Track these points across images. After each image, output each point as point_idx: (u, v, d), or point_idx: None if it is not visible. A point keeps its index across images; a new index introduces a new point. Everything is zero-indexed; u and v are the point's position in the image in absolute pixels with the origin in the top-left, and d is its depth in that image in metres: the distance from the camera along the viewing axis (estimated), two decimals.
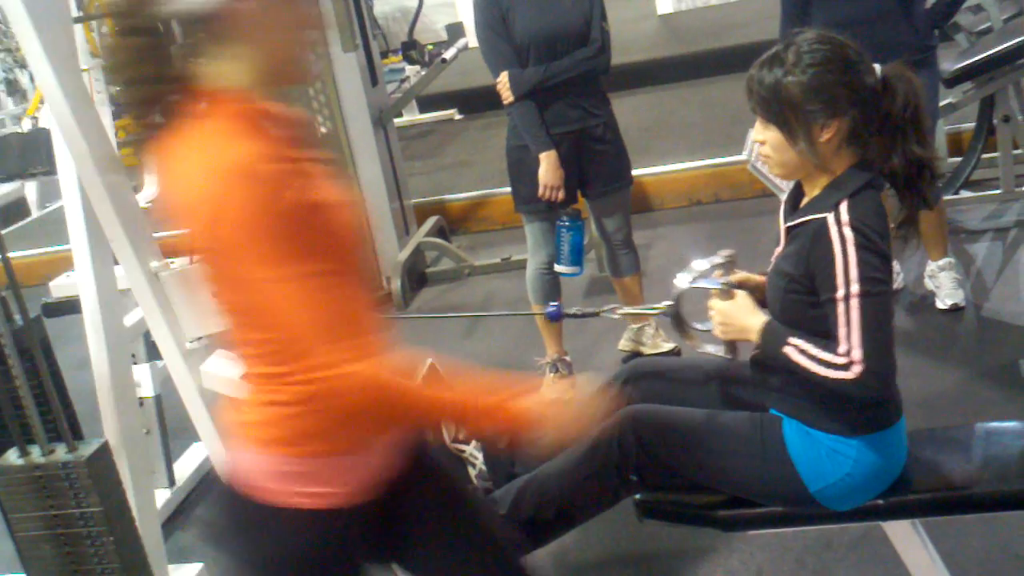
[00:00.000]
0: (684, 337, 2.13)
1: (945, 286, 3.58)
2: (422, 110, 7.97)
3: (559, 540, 2.12)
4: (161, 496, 3.12)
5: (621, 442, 1.93)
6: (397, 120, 5.79)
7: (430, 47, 8.06)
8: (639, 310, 3.11)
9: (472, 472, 2.18)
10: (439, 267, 5.06)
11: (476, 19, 3.29)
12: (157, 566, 2.28)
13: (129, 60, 1.36)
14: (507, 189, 3.52)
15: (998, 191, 4.22)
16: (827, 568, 2.44)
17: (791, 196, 1.92)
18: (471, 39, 6.32)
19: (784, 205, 1.93)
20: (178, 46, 1.36)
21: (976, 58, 3.95)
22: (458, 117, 7.81)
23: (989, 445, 1.98)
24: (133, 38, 1.35)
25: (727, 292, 1.89)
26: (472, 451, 2.20)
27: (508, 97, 3.23)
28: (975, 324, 3.51)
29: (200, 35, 1.34)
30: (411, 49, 8.06)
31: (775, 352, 1.79)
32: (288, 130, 1.41)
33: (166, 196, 1.36)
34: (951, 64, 3.97)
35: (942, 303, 3.57)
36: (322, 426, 1.39)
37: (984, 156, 4.29)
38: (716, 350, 2.00)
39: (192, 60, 1.35)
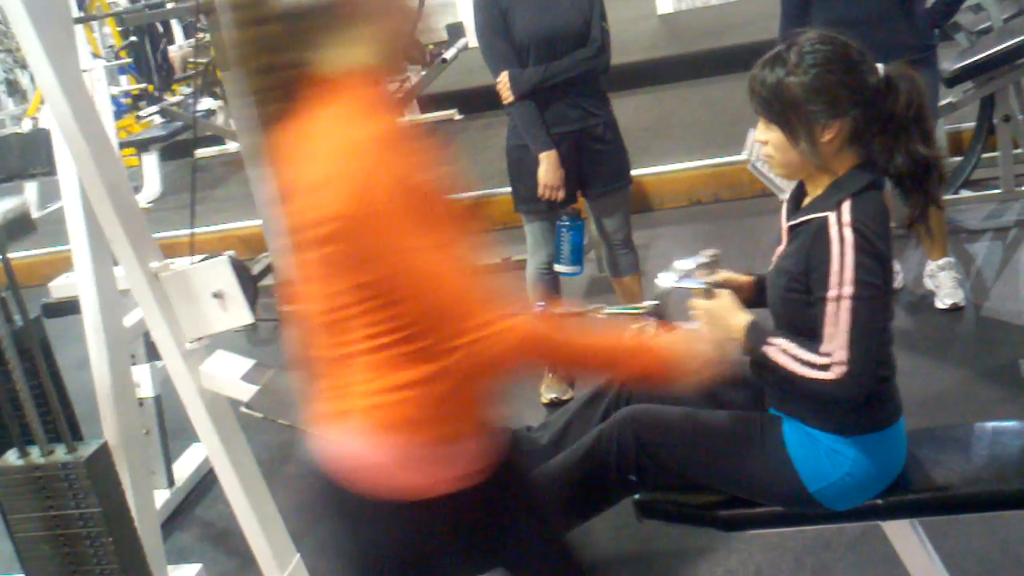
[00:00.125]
0: None
1: (945, 286, 3.58)
2: (422, 110, 7.96)
3: None
4: (160, 497, 3.12)
5: (620, 442, 1.93)
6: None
7: (430, 47, 8.08)
8: (622, 310, 3.09)
9: None
10: None
11: (476, 19, 3.28)
12: (156, 567, 2.28)
13: (253, 50, 1.39)
14: (507, 189, 3.51)
15: (998, 191, 4.22)
16: (826, 568, 2.44)
17: (793, 196, 1.92)
18: (471, 39, 6.32)
19: (787, 204, 1.93)
20: (300, 32, 1.38)
21: (976, 57, 3.95)
22: (458, 117, 7.79)
23: (988, 445, 1.98)
24: (256, 28, 1.38)
25: (710, 292, 1.89)
26: None
27: (508, 97, 3.23)
28: (975, 324, 3.51)
29: (321, 20, 1.37)
30: (411, 49, 8.07)
31: (757, 351, 1.79)
32: (400, 106, 1.43)
33: (291, 179, 1.38)
34: (951, 64, 3.97)
35: (942, 303, 3.57)
36: (441, 407, 1.42)
37: (984, 155, 4.29)
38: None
39: (314, 45, 1.38)
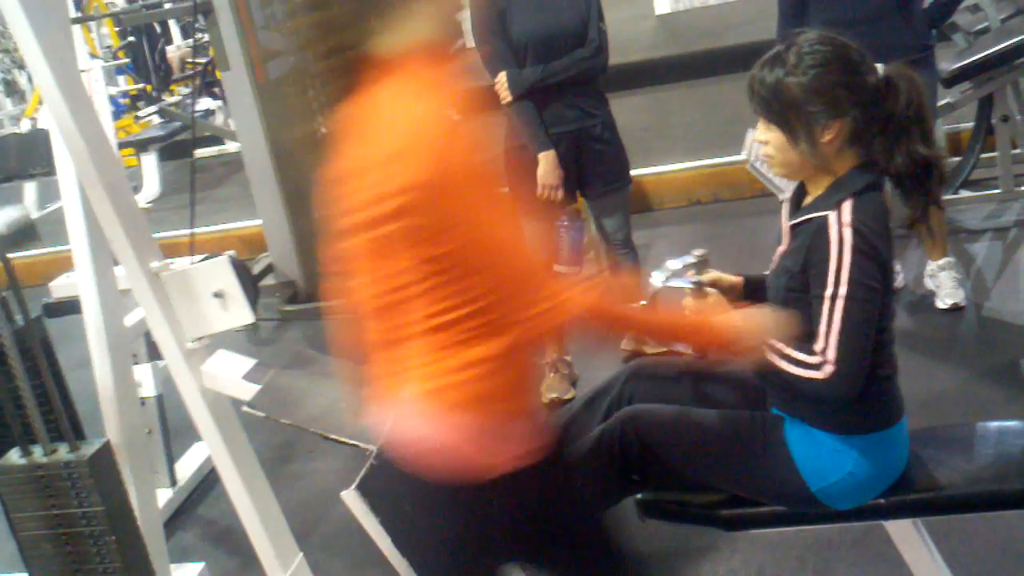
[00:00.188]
0: None
1: (945, 286, 3.58)
2: None
3: None
4: (163, 496, 3.12)
5: (623, 442, 1.93)
6: None
7: None
8: None
9: None
10: None
11: (473, 19, 3.28)
12: (159, 565, 2.28)
13: (317, 34, 1.45)
14: (506, 189, 3.51)
15: (997, 191, 4.22)
16: (828, 567, 2.44)
17: (795, 196, 1.92)
18: (468, 39, 6.33)
19: (787, 204, 1.93)
20: (361, 13, 1.43)
21: (974, 58, 3.95)
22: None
23: (990, 444, 1.98)
24: (320, 12, 1.43)
25: (700, 291, 1.90)
26: None
27: (506, 97, 3.23)
28: (975, 324, 3.51)
29: (381, 1, 1.42)
30: None
31: (746, 351, 1.79)
32: (456, 86, 1.50)
33: (357, 157, 1.42)
34: (949, 64, 3.97)
35: (942, 303, 3.57)
36: (504, 383, 1.45)
37: (983, 156, 4.30)
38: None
39: (375, 26, 1.43)
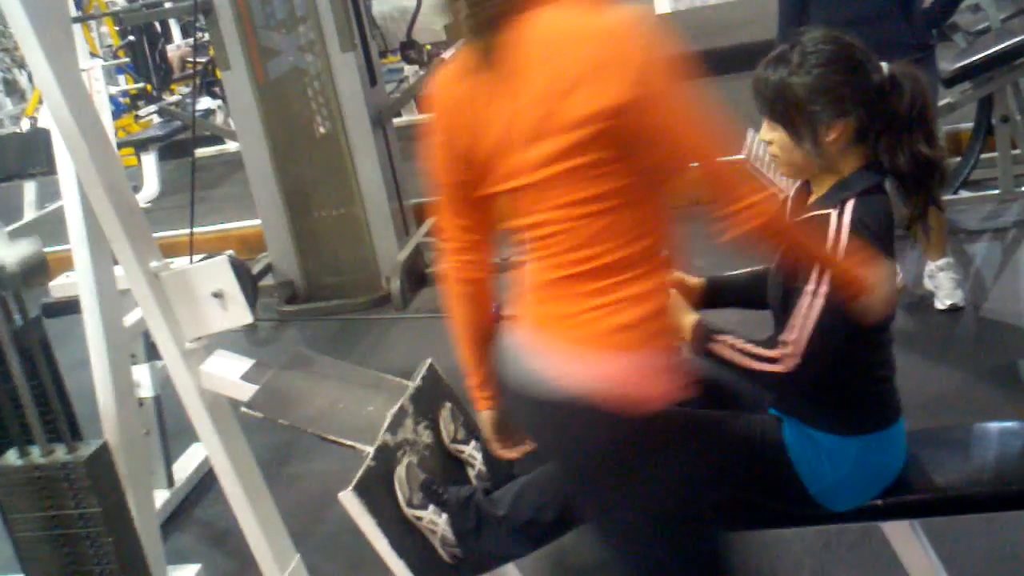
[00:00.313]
0: None
1: (944, 286, 3.58)
2: (421, 110, 7.96)
3: (558, 541, 2.11)
4: (160, 497, 3.12)
5: None
6: (396, 120, 5.78)
7: (428, 47, 8.08)
8: None
9: (471, 472, 2.18)
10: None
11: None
12: (156, 567, 2.28)
13: None
14: None
15: (997, 191, 4.22)
16: (825, 569, 2.44)
17: (798, 195, 1.92)
18: None
19: (791, 203, 1.93)
20: None
21: (974, 58, 3.95)
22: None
23: (988, 445, 1.98)
24: None
25: None
26: (471, 452, 2.20)
27: None
28: (974, 324, 3.51)
29: None
30: (409, 49, 8.07)
31: (705, 350, 1.79)
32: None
33: (544, 81, 1.42)
34: (949, 64, 3.97)
35: (941, 303, 3.57)
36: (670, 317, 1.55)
37: (983, 156, 4.29)
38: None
39: None
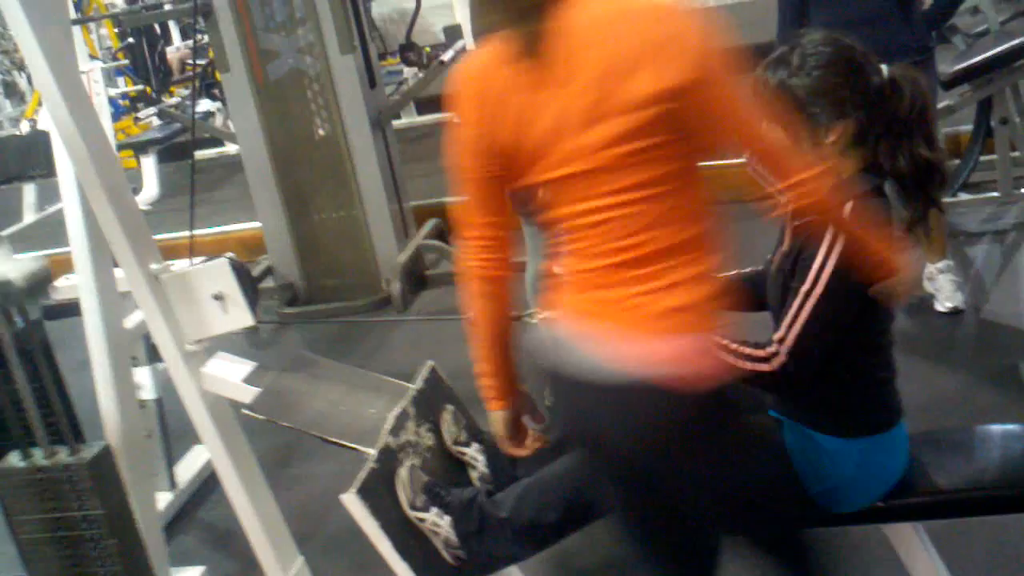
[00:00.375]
0: None
1: (944, 289, 3.58)
2: (420, 112, 7.97)
3: (561, 543, 2.11)
4: (162, 499, 3.12)
5: None
6: (395, 122, 5.79)
7: (427, 49, 8.08)
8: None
9: (474, 475, 2.18)
10: (439, 270, 5.05)
11: (473, 21, 3.28)
12: (159, 569, 2.28)
13: None
14: None
15: (996, 194, 4.22)
16: (827, 571, 2.43)
17: None
18: (469, 41, 6.32)
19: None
20: None
21: (973, 60, 3.95)
22: (457, 120, 7.79)
23: (990, 448, 1.98)
24: None
25: None
26: (473, 454, 2.19)
27: None
28: (974, 327, 3.51)
29: None
30: (409, 51, 8.06)
31: None
32: None
33: (601, 63, 1.44)
34: (948, 66, 3.98)
35: (941, 306, 3.57)
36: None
37: (982, 158, 4.30)
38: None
39: None
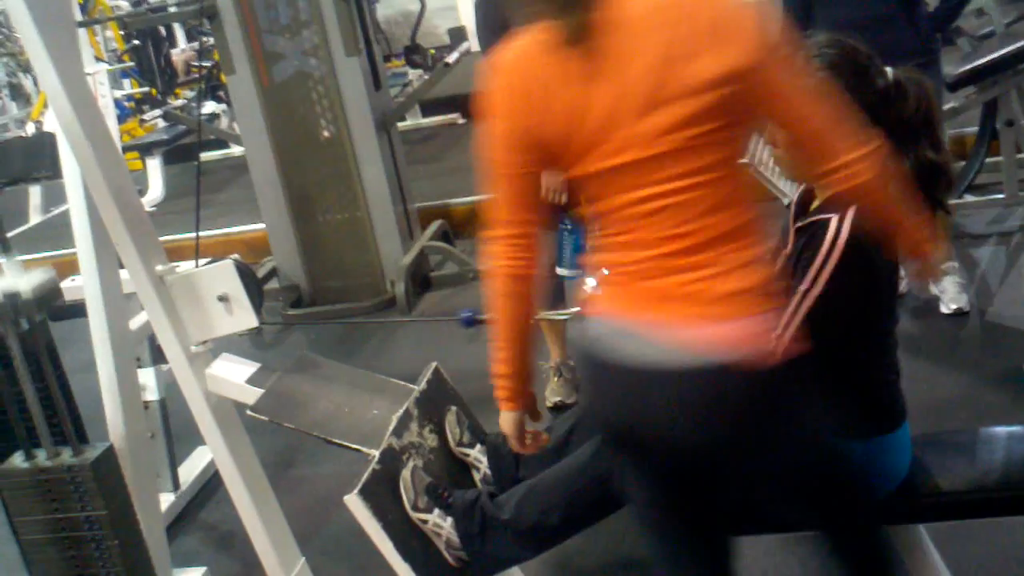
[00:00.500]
0: None
1: (949, 290, 3.57)
2: (425, 114, 7.98)
3: (562, 545, 2.11)
4: (165, 500, 3.12)
5: None
6: (400, 124, 5.79)
7: (432, 51, 8.09)
8: (553, 315, 3.07)
9: (476, 476, 2.19)
10: (443, 271, 5.06)
11: (478, 22, 3.28)
12: (161, 570, 2.29)
13: None
14: None
15: (1001, 196, 4.22)
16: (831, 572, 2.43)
17: (801, 198, 1.92)
18: (474, 43, 6.34)
19: (794, 207, 1.93)
20: None
21: (979, 62, 3.95)
22: (461, 121, 7.80)
23: (993, 449, 1.98)
24: None
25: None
26: (477, 455, 2.20)
27: None
28: (979, 328, 3.51)
29: None
30: (414, 53, 8.09)
31: None
32: None
33: (661, 48, 1.41)
34: (954, 68, 3.98)
35: (946, 307, 3.57)
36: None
37: (987, 160, 4.29)
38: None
39: None
